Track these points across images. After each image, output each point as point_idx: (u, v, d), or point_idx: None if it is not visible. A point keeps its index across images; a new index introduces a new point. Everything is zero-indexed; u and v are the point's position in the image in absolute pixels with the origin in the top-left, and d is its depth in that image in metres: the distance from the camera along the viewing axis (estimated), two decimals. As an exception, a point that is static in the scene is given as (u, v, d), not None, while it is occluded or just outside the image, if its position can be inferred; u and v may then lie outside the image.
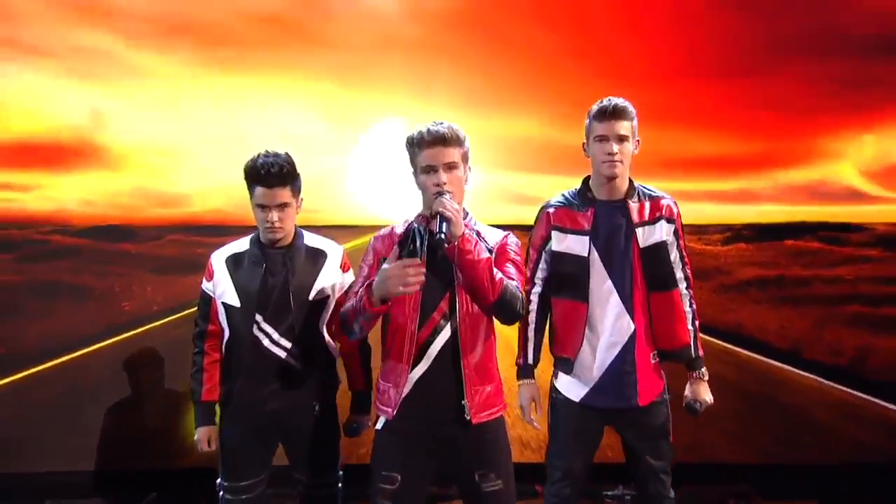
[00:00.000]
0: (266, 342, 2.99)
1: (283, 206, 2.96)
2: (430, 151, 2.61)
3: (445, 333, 2.65)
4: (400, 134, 4.43)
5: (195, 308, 3.14)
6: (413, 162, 2.68)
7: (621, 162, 2.94)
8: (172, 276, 5.01)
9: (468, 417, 2.64)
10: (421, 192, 2.71)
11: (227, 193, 4.85)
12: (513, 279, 2.66)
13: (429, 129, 2.62)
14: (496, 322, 2.75)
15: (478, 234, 2.71)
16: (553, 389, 3.13)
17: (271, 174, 2.91)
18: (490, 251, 2.68)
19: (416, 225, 2.74)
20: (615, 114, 2.93)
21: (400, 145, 2.74)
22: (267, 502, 3.11)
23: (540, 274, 3.10)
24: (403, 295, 2.53)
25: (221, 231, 4.75)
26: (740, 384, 4.90)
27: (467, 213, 2.75)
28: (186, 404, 4.23)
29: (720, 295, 4.96)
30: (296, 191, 3.01)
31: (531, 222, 3.15)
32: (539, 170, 4.82)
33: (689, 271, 3.06)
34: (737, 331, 4.98)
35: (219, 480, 3.10)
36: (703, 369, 3.07)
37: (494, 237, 2.76)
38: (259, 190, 2.94)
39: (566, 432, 3.08)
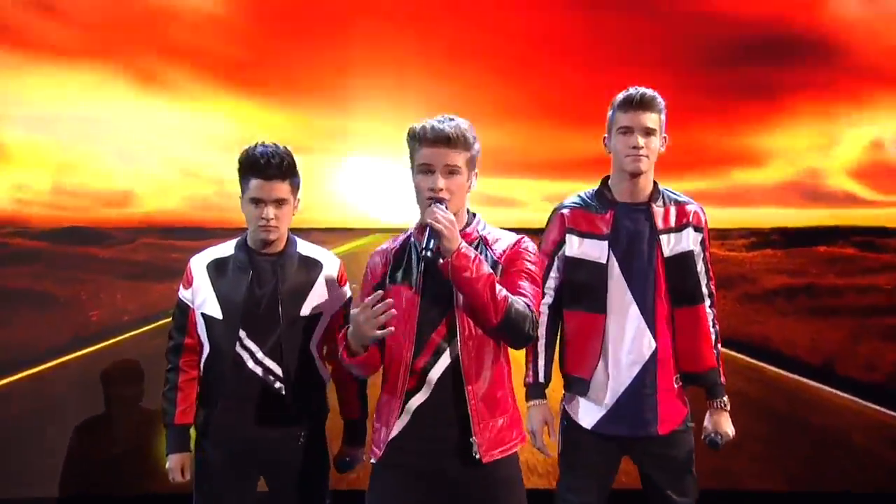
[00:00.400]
0: (249, 361, 2.82)
1: (280, 203, 2.80)
2: (430, 151, 2.45)
3: (446, 358, 2.49)
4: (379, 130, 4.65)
5: (170, 318, 2.96)
6: (412, 157, 2.52)
7: (647, 157, 2.82)
8: (145, 282, 4.93)
9: (477, 456, 2.46)
10: (415, 196, 2.55)
11: (195, 192, 4.88)
12: (524, 295, 2.48)
13: (432, 126, 2.46)
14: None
15: (484, 240, 2.56)
16: (563, 414, 3.00)
17: (271, 164, 2.76)
18: (496, 262, 2.52)
19: (412, 240, 2.59)
20: (642, 104, 2.81)
21: (388, 141, 2.59)
22: None
23: (551, 283, 2.95)
24: (384, 336, 2.40)
25: (199, 234, 4.71)
26: (767, 403, 4.79)
27: (475, 216, 2.60)
28: (160, 425, 4.29)
29: (744, 305, 4.88)
30: (294, 189, 2.86)
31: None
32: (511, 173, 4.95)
33: (713, 287, 2.96)
34: (763, 344, 4.89)
35: None
36: (726, 398, 2.94)
37: (505, 243, 2.58)
38: (255, 182, 2.78)
39: (578, 464, 2.95)
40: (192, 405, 2.91)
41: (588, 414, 2.91)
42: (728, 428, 2.93)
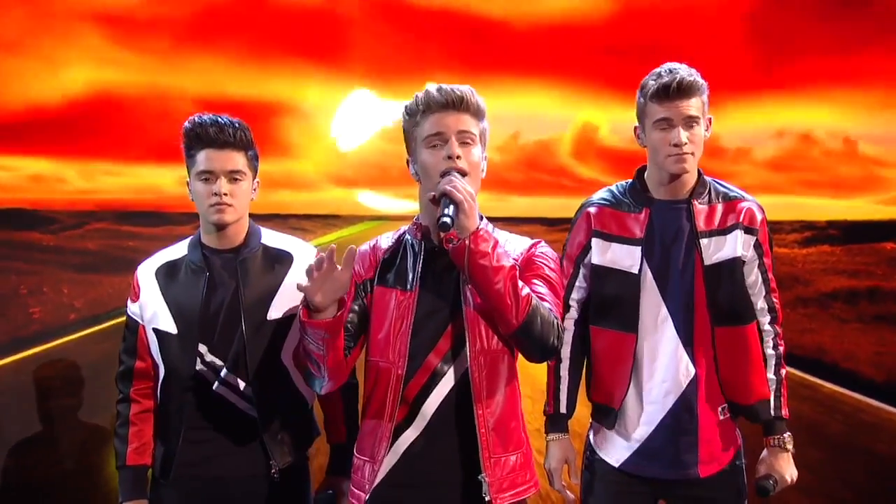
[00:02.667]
0: (214, 382, 2.77)
1: (234, 177, 2.74)
2: (440, 116, 2.37)
3: (447, 383, 2.39)
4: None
5: (124, 318, 2.89)
6: (412, 138, 2.44)
7: (692, 154, 2.74)
8: (95, 275, 4.95)
9: (487, 498, 2.35)
10: (420, 182, 2.44)
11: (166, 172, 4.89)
12: (545, 301, 2.38)
13: (440, 88, 2.39)
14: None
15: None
16: (588, 447, 2.96)
17: (224, 131, 2.72)
18: (513, 261, 2.39)
19: (408, 236, 2.51)
20: (681, 91, 2.71)
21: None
22: None
23: (576, 294, 2.92)
24: (337, 294, 2.28)
25: (159, 220, 4.73)
26: (821, 426, 4.83)
27: (482, 218, 2.42)
28: (112, 441, 4.32)
29: (796, 311, 4.91)
30: (252, 164, 2.81)
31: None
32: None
33: (776, 300, 2.88)
34: (817, 356, 4.93)
35: None
36: (787, 435, 2.85)
37: (519, 246, 2.50)
38: (203, 154, 2.73)
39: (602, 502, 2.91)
40: (149, 442, 2.84)
41: (616, 450, 2.87)
42: (787, 471, 2.85)
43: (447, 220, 2.19)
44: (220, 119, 2.73)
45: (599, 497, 2.90)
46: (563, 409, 2.92)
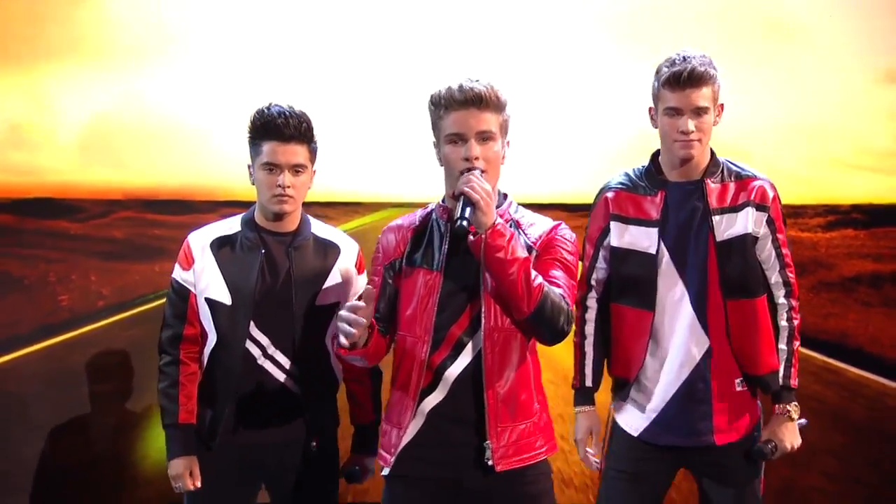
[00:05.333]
0: (259, 357, 2.90)
1: (297, 170, 2.87)
2: (460, 115, 2.49)
3: (467, 355, 2.55)
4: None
5: (151, 304, 3.06)
6: (436, 127, 2.56)
7: (699, 141, 2.85)
8: (122, 262, 4.99)
9: (490, 462, 2.52)
10: (444, 169, 2.59)
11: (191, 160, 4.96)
12: (558, 285, 2.53)
13: (461, 86, 2.49)
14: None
15: (517, 224, 2.61)
16: (611, 419, 3.08)
17: (289, 125, 2.83)
18: (530, 248, 2.58)
19: (434, 217, 2.65)
20: (692, 80, 2.81)
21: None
22: None
23: (597, 275, 3.05)
24: (353, 343, 2.47)
25: (185, 208, 4.82)
26: (844, 411, 4.81)
27: (506, 197, 2.66)
28: (141, 425, 4.54)
29: (819, 295, 4.89)
30: (313, 156, 2.94)
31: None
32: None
33: (790, 274, 2.98)
34: (840, 341, 4.89)
35: None
36: (793, 405, 2.96)
37: (540, 228, 2.63)
38: (269, 146, 2.84)
39: (619, 475, 3.01)
40: (195, 403, 2.96)
41: (634, 420, 2.99)
42: (787, 439, 2.95)
43: (464, 222, 2.36)
44: (285, 111, 2.84)
45: (621, 465, 3.00)
46: (588, 383, 3.05)
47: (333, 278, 2.97)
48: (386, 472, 2.63)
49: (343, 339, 2.42)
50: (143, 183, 4.95)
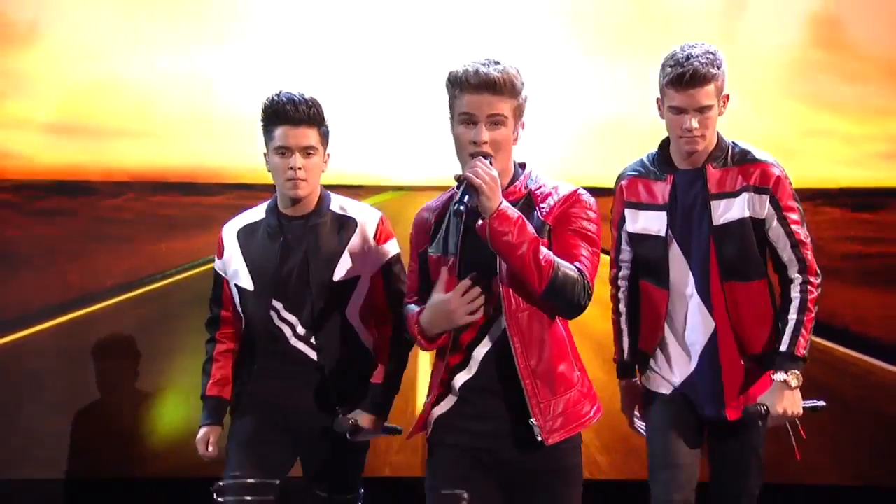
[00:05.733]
0: (290, 336, 3.02)
1: (308, 152, 2.95)
2: (474, 98, 2.49)
3: (492, 335, 2.56)
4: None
5: (159, 284, 3.22)
6: (452, 105, 2.57)
7: (702, 136, 2.91)
8: (131, 244, 5.09)
9: (539, 438, 2.51)
10: (455, 149, 2.59)
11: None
12: (577, 258, 2.51)
13: (477, 70, 2.49)
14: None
15: (533, 196, 2.60)
16: (642, 387, 3.20)
17: (299, 109, 2.92)
18: (543, 223, 2.54)
19: (452, 207, 2.59)
20: (694, 81, 2.85)
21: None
22: None
23: (624, 255, 3.16)
24: (474, 320, 2.50)
25: (192, 190, 4.89)
26: (833, 388, 4.95)
27: (523, 169, 2.65)
28: (149, 402, 4.73)
29: None
30: (324, 139, 3.01)
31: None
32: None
33: (805, 252, 2.97)
34: (828, 322, 4.88)
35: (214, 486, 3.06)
36: (791, 373, 2.94)
37: (556, 198, 2.59)
38: (280, 130, 2.93)
39: (660, 425, 3.10)
40: (229, 378, 3.13)
41: (661, 384, 3.08)
42: (781, 405, 2.93)
43: (461, 207, 2.37)
44: (295, 97, 2.93)
45: (657, 418, 3.10)
46: (626, 358, 3.17)
47: (350, 252, 3.03)
48: (428, 438, 2.68)
49: (470, 318, 2.50)
50: (152, 165, 5.04)
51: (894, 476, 4.87)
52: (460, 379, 2.58)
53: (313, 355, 3.02)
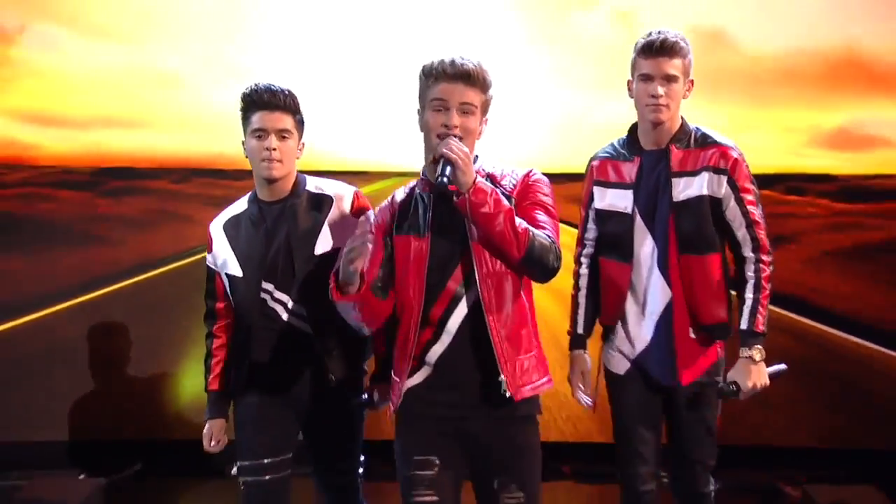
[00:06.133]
0: (283, 314, 3.11)
1: (283, 135, 3.06)
2: (448, 86, 2.62)
3: (464, 306, 2.68)
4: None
5: (178, 263, 3.41)
6: (423, 96, 2.69)
7: (667, 106, 3.05)
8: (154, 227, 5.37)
9: (508, 394, 2.66)
10: (423, 137, 2.71)
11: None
12: (542, 227, 2.67)
13: (453, 61, 2.63)
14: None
15: (491, 177, 2.74)
16: (602, 362, 3.35)
17: (275, 96, 3.04)
18: (508, 197, 2.69)
19: (417, 190, 2.78)
20: (663, 50, 3.02)
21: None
22: (290, 487, 3.23)
23: (589, 234, 3.32)
24: (355, 271, 2.57)
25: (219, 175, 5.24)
26: (791, 354, 4.96)
27: (477, 157, 2.75)
28: (174, 369, 5.07)
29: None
30: (298, 126, 3.12)
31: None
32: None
33: (759, 232, 3.11)
34: (790, 293, 5.20)
35: (235, 466, 3.23)
36: (752, 351, 3.10)
37: (514, 177, 2.77)
38: (258, 115, 3.04)
39: (623, 412, 3.28)
40: (222, 370, 3.23)
41: (620, 363, 3.24)
42: (751, 379, 3.08)
43: (444, 179, 2.50)
44: (272, 86, 3.05)
45: (618, 402, 3.29)
46: (580, 331, 3.32)
47: (328, 226, 3.11)
48: (394, 411, 2.80)
49: (347, 269, 2.55)
50: (174, 152, 5.32)
51: (850, 435, 5.14)
52: (435, 352, 2.70)
53: (307, 328, 3.09)
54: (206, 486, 4.89)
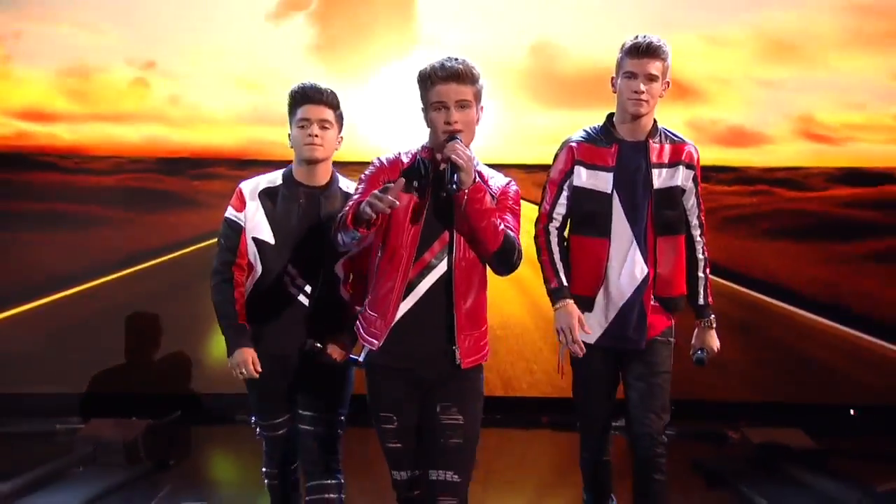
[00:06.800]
0: (289, 285, 3.31)
1: (324, 125, 3.26)
2: (443, 88, 2.82)
3: (436, 274, 2.88)
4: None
5: (192, 247, 3.77)
6: (423, 98, 2.88)
7: (647, 102, 3.26)
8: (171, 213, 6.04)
9: (458, 362, 2.90)
10: (429, 130, 2.92)
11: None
12: (511, 230, 2.88)
13: (442, 65, 2.83)
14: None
15: (480, 175, 2.90)
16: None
17: (319, 92, 3.27)
18: (493, 196, 2.90)
19: (419, 157, 2.95)
20: (648, 52, 3.23)
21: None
22: (297, 438, 3.46)
23: (560, 209, 3.43)
24: (378, 213, 2.68)
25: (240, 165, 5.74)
26: (730, 318, 5.55)
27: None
28: (206, 336, 5.50)
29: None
30: (339, 120, 3.33)
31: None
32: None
33: (703, 218, 3.45)
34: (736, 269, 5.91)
35: (252, 418, 3.55)
36: (712, 317, 3.46)
37: (497, 182, 2.98)
38: (303, 108, 3.25)
39: (590, 376, 3.46)
40: (244, 312, 3.35)
41: (592, 330, 3.38)
42: (714, 343, 3.44)
43: (454, 186, 2.74)
44: (316, 84, 3.30)
45: (586, 368, 3.46)
46: (564, 283, 3.40)
47: None
48: (363, 358, 3.03)
49: (368, 210, 2.65)
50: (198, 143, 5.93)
51: (783, 390, 5.79)
52: (403, 307, 2.90)
53: (306, 301, 3.30)
54: (226, 430, 5.50)
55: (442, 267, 2.89)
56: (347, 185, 3.35)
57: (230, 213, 3.36)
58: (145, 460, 5.07)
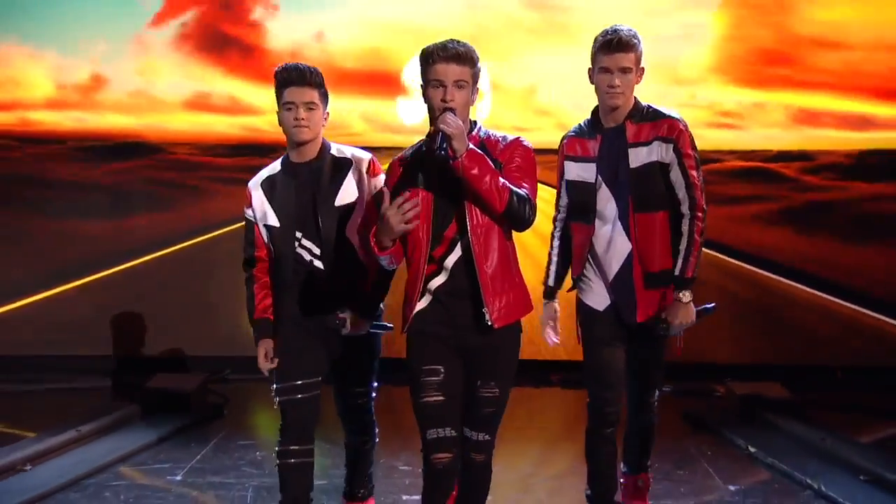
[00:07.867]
0: (308, 257, 3.39)
1: (310, 107, 3.32)
2: (442, 67, 2.90)
3: (458, 249, 2.96)
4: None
5: (223, 230, 4.15)
6: (423, 76, 2.96)
7: (622, 93, 3.32)
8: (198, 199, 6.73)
9: (489, 323, 2.96)
10: (427, 109, 2.99)
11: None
12: (522, 186, 2.94)
13: (444, 45, 2.91)
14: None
15: (485, 142, 3.00)
16: (578, 303, 3.60)
17: (302, 73, 3.32)
18: (496, 162, 2.96)
19: (423, 150, 3.02)
20: (619, 47, 3.28)
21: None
22: (319, 406, 3.48)
23: (562, 201, 3.57)
24: (409, 230, 2.86)
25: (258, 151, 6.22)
26: (726, 287, 6.23)
27: (475, 124, 3.06)
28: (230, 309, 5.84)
29: None
30: (323, 99, 3.38)
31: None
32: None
33: (696, 193, 3.34)
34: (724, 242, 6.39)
35: (273, 387, 3.49)
36: (683, 294, 3.36)
37: (503, 143, 3.03)
38: (288, 90, 3.32)
39: (597, 339, 3.51)
40: (269, 304, 3.50)
41: (601, 300, 3.48)
42: (679, 318, 3.36)
43: (442, 151, 2.82)
44: (299, 65, 3.36)
45: (592, 332, 3.54)
46: (550, 283, 3.61)
47: (348, 184, 3.39)
48: (406, 328, 3.07)
49: (404, 226, 2.82)
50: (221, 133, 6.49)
51: (769, 351, 6.29)
52: (434, 283, 3.01)
53: (322, 267, 3.38)
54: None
55: (463, 239, 2.97)
56: (339, 149, 3.48)
57: (245, 211, 3.54)
58: (203, 409, 5.75)
